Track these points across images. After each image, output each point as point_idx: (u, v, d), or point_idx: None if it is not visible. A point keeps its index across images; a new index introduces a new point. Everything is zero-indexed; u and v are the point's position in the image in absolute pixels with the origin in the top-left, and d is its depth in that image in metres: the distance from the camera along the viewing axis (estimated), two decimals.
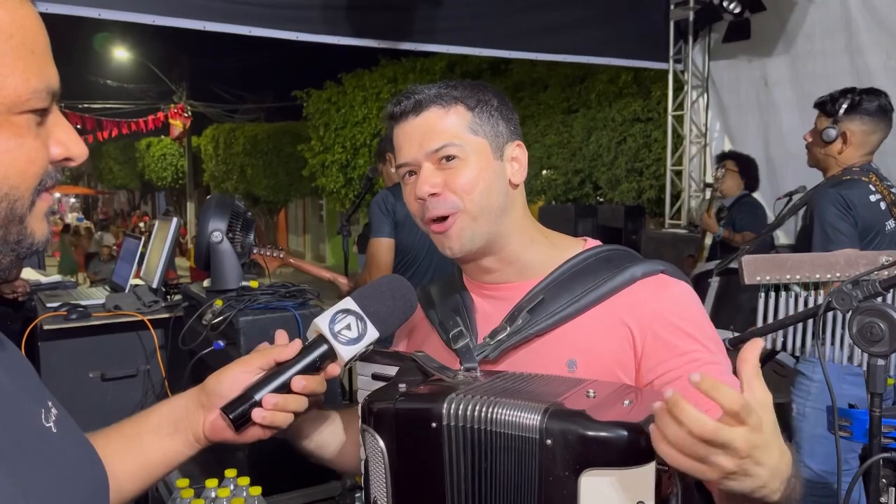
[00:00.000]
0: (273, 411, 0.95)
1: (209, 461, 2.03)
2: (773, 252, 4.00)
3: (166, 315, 2.87)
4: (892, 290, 1.85)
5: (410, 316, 1.11)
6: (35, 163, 0.70)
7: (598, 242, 1.23)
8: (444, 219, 1.13)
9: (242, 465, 1.92)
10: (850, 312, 1.44)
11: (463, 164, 1.13)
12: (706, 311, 2.73)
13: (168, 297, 3.15)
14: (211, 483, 1.69)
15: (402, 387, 1.02)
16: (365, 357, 1.17)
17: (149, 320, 2.82)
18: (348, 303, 1.01)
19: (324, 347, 0.99)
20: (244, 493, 1.70)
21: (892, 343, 1.36)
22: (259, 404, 0.94)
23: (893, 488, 1.56)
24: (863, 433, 1.51)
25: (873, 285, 1.46)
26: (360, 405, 1.04)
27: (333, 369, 1.00)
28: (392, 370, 1.12)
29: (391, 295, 1.06)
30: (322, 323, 0.99)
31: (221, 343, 2.16)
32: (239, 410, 0.94)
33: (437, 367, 1.08)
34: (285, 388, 0.96)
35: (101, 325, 2.83)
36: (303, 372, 0.97)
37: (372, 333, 1.01)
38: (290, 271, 3.91)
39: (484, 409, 0.93)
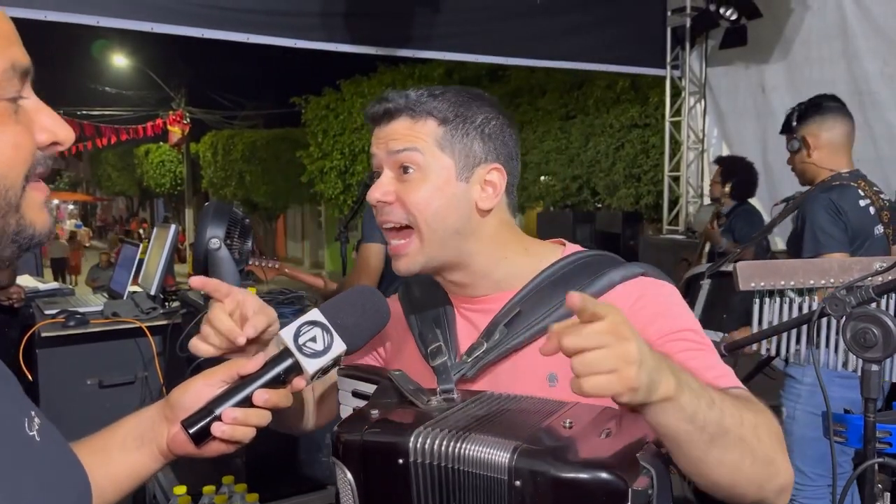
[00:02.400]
0: (233, 426, 0.92)
1: (206, 468, 2.04)
2: (769, 257, 4.02)
3: (164, 322, 2.87)
4: (885, 296, 1.86)
5: (382, 328, 1.07)
6: (21, 148, 0.69)
7: (577, 248, 1.18)
8: (397, 231, 1.11)
9: (240, 471, 1.92)
10: (844, 318, 1.45)
11: (420, 179, 1.08)
12: (696, 313, 2.75)
13: (166, 303, 3.15)
14: (208, 490, 1.69)
15: (375, 413, 0.99)
16: (346, 373, 1.14)
17: (147, 327, 2.82)
18: (315, 314, 0.98)
19: (288, 360, 0.95)
20: (241, 500, 1.70)
21: (886, 349, 1.36)
22: (219, 418, 0.92)
23: (888, 493, 1.57)
24: (857, 438, 1.52)
25: (867, 291, 1.47)
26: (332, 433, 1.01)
27: (299, 383, 0.96)
28: (371, 388, 1.09)
29: (361, 307, 1.03)
30: (286, 335, 0.96)
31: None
32: (198, 426, 0.92)
33: (413, 391, 1.03)
34: (247, 402, 0.93)
35: (99, 332, 2.83)
36: (267, 385, 0.94)
37: (339, 346, 0.97)
38: (286, 279, 3.92)
39: (452, 445, 0.90)
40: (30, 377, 2.73)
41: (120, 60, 20.42)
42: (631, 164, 9.56)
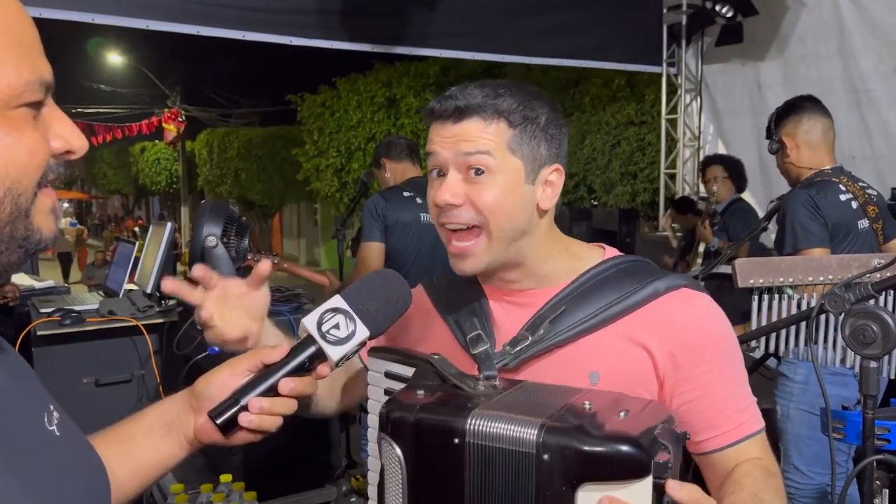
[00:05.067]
0: (260, 415, 0.93)
1: (204, 466, 2.03)
2: (765, 255, 4.02)
3: (161, 320, 2.86)
4: (884, 293, 1.86)
5: (404, 312, 1.07)
6: (36, 155, 0.70)
7: (615, 251, 1.22)
8: (464, 232, 1.10)
9: (237, 470, 1.92)
10: (842, 315, 1.45)
11: (491, 181, 1.08)
12: None
13: (162, 301, 3.14)
14: (206, 488, 1.69)
15: (421, 393, 1.00)
16: (380, 356, 1.16)
17: (143, 325, 2.81)
18: (337, 301, 0.98)
19: (312, 348, 0.96)
20: (239, 498, 1.70)
21: (885, 345, 1.37)
22: (246, 408, 0.93)
23: (887, 490, 1.57)
24: (856, 435, 1.52)
25: (866, 288, 1.47)
26: (378, 412, 1.03)
27: (323, 370, 0.98)
28: (406, 370, 1.10)
29: (383, 291, 1.03)
30: (309, 323, 0.96)
31: (216, 348, 2.16)
32: (226, 416, 0.92)
33: (456, 374, 1.05)
34: (273, 391, 0.94)
35: (95, 331, 2.82)
36: (291, 374, 0.95)
37: (362, 332, 0.97)
38: (285, 275, 3.91)
39: (489, 424, 0.93)
40: None
41: (115, 58, 20.38)
42: (627, 162, 9.58)
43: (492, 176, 1.08)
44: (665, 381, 1.10)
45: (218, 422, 0.92)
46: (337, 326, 0.97)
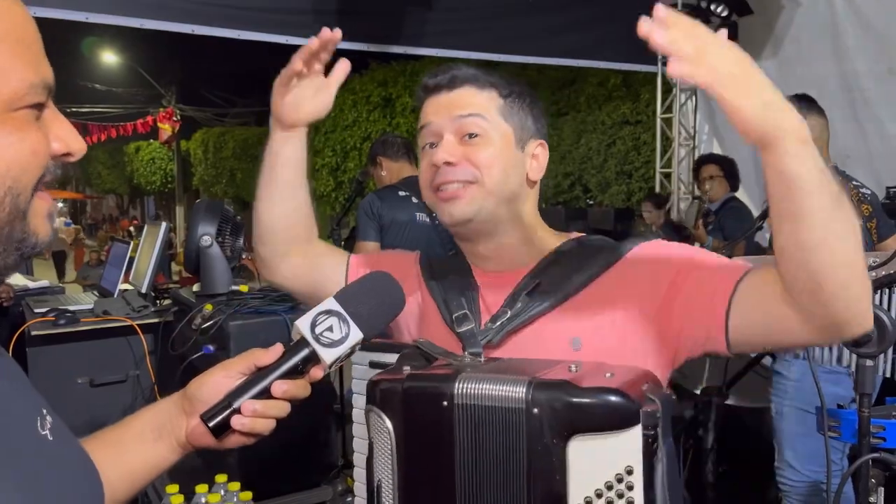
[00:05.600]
0: (253, 418, 0.92)
1: (199, 466, 2.03)
2: (760, 254, 4.02)
3: (156, 320, 2.85)
4: (880, 292, 1.87)
5: (398, 315, 1.08)
6: (38, 155, 0.70)
7: (584, 235, 1.27)
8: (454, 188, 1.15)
9: (233, 470, 1.91)
10: None
11: (485, 142, 1.15)
12: None
13: (157, 301, 3.13)
14: (201, 488, 1.68)
15: (407, 369, 1.03)
16: (362, 347, 1.18)
17: (138, 325, 2.80)
18: (330, 303, 0.98)
19: (305, 351, 0.95)
20: (235, 499, 1.69)
21: (881, 343, 1.37)
22: (238, 411, 0.92)
23: (882, 488, 1.57)
24: (851, 433, 1.52)
25: None
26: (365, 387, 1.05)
27: (316, 373, 0.97)
28: (391, 357, 1.12)
29: (376, 294, 1.03)
30: (303, 325, 0.96)
31: (211, 347, 2.15)
32: (218, 419, 0.92)
33: (442, 353, 1.08)
34: (266, 394, 0.93)
35: (89, 331, 2.81)
36: (285, 376, 0.94)
37: (355, 335, 0.97)
38: None
39: (479, 386, 0.97)
40: None
41: (110, 57, 20.30)
42: (622, 161, 9.59)
43: (486, 138, 1.15)
44: (653, 320, 1.11)
45: (210, 425, 0.92)
46: (330, 329, 0.96)
